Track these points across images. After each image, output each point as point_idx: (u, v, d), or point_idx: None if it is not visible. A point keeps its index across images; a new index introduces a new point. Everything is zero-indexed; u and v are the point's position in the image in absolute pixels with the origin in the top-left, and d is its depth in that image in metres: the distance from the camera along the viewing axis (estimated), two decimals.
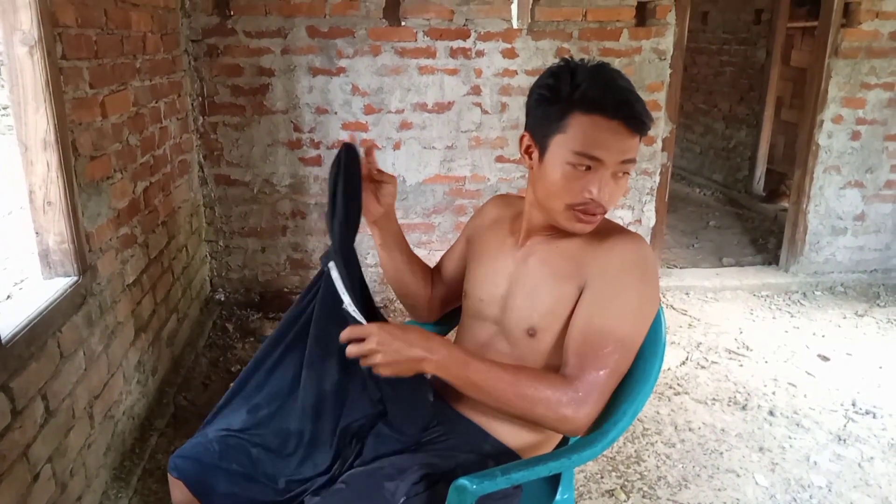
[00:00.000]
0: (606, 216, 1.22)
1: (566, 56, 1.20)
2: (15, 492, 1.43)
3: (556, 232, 1.24)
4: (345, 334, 1.09)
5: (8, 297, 2.26)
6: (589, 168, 1.13)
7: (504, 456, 1.24)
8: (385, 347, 1.05)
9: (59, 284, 1.72)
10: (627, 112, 1.10)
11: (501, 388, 1.10)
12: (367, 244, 3.43)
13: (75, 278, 1.76)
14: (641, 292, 1.16)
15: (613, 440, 1.17)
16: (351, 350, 1.07)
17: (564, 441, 1.37)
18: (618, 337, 1.12)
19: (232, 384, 1.34)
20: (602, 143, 1.11)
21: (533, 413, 1.10)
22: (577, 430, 1.12)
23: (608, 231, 1.22)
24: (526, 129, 1.22)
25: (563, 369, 1.13)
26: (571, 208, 1.16)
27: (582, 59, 1.17)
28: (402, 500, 1.09)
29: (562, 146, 1.14)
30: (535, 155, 1.20)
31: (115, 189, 2.07)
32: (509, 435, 1.26)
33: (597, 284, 1.16)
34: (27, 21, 1.57)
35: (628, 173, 1.16)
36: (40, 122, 1.64)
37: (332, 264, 1.21)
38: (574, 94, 1.12)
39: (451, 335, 1.60)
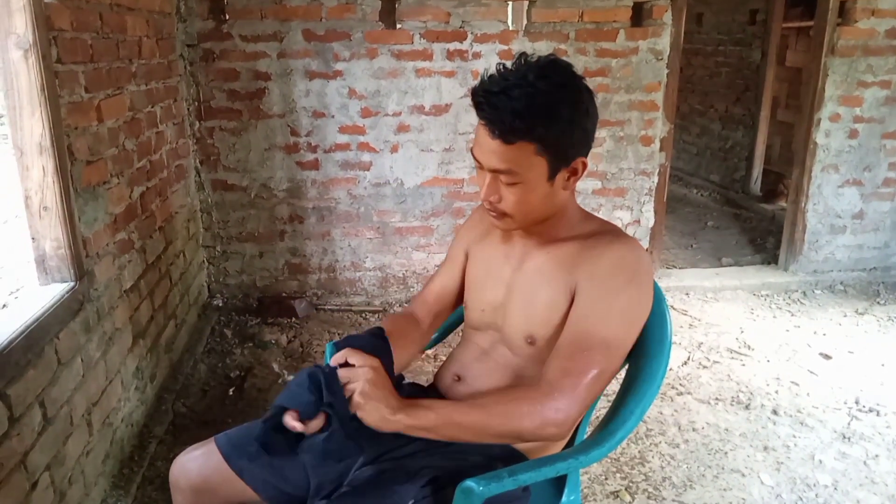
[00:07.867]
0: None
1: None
2: (13, 500, 1.41)
3: (548, 236, 1.23)
4: (339, 357, 1.07)
5: (3, 306, 2.23)
6: (481, 167, 1.14)
7: (512, 458, 1.22)
8: (363, 388, 1.03)
9: (56, 290, 1.70)
10: (486, 115, 1.07)
11: (479, 421, 1.06)
12: (367, 248, 3.42)
13: (72, 284, 1.74)
14: (630, 295, 1.13)
15: (621, 440, 1.16)
16: (341, 372, 1.05)
17: (571, 443, 1.36)
18: (603, 340, 1.10)
19: None
20: (477, 145, 1.13)
21: (519, 431, 1.07)
22: (561, 432, 1.08)
23: (602, 234, 1.20)
24: None
25: (546, 372, 1.10)
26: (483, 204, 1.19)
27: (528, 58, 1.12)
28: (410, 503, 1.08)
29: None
30: None
31: (111, 194, 2.06)
32: None
33: (585, 289, 1.14)
34: (22, 25, 1.56)
35: (515, 184, 1.11)
36: (36, 126, 1.62)
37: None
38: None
39: (452, 339, 1.59)
